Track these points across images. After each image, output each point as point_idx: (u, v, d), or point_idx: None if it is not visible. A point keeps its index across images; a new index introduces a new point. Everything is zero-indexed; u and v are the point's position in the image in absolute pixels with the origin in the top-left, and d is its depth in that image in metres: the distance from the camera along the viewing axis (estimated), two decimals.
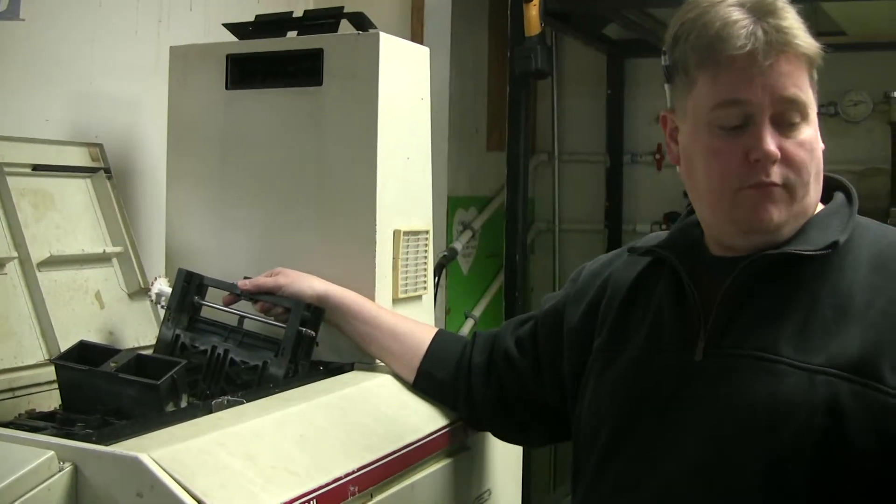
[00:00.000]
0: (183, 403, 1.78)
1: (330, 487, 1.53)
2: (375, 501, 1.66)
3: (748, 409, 1.46)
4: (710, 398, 1.51)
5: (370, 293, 2.10)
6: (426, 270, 2.30)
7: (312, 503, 1.48)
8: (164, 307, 2.12)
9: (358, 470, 1.61)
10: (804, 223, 1.53)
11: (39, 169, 2.16)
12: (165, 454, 1.38)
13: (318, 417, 1.72)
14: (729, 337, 1.52)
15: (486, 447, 2.09)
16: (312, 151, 2.17)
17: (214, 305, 2.10)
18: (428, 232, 2.31)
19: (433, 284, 2.39)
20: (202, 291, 2.10)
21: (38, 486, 1.34)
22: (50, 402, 1.95)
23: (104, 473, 1.37)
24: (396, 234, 2.17)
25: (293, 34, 2.27)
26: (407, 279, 2.22)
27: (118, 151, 2.48)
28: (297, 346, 1.98)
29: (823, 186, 1.58)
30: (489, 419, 1.97)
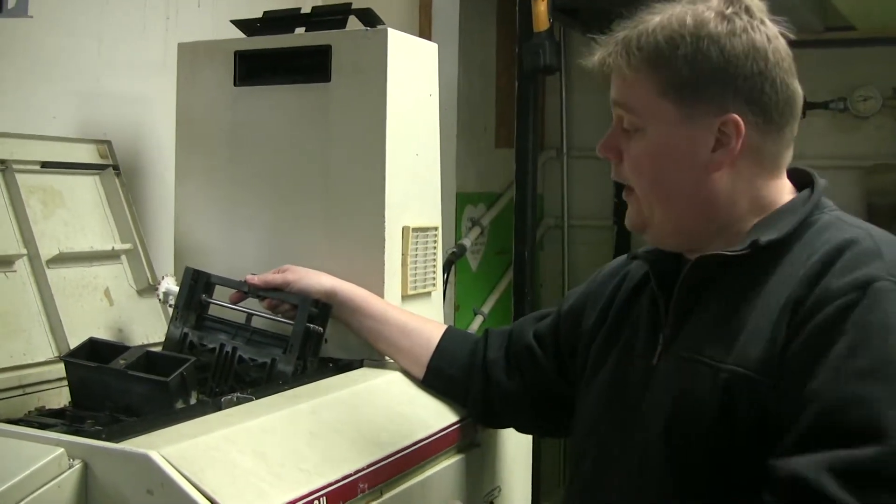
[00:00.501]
0: (192, 400, 1.78)
1: (339, 484, 1.52)
2: (385, 498, 1.65)
3: (668, 409, 1.48)
4: (654, 401, 1.53)
5: (379, 290, 2.10)
6: (435, 267, 2.29)
7: (322, 500, 1.48)
8: (171, 306, 2.12)
9: (367, 467, 1.61)
10: (763, 219, 1.51)
11: (48, 166, 2.17)
12: (175, 451, 1.38)
13: (327, 414, 1.71)
14: (678, 340, 1.53)
15: (496, 443, 2.09)
16: (320, 148, 2.17)
17: (222, 303, 2.09)
18: (437, 228, 2.30)
19: (442, 281, 2.39)
20: (209, 290, 2.10)
21: (47, 483, 1.33)
22: (59, 399, 1.95)
23: (114, 471, 1.37)
24: (405, 230, 2.17)
25: (301, 30, 2.27)
26: (416, 276, 2.21)
27: (127, 148, 2.48)
28: (305, 342, 1.98)
29: (797, 181, 1.57)
30: (511, 413, 1.96)
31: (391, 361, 2.05)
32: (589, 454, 1.66)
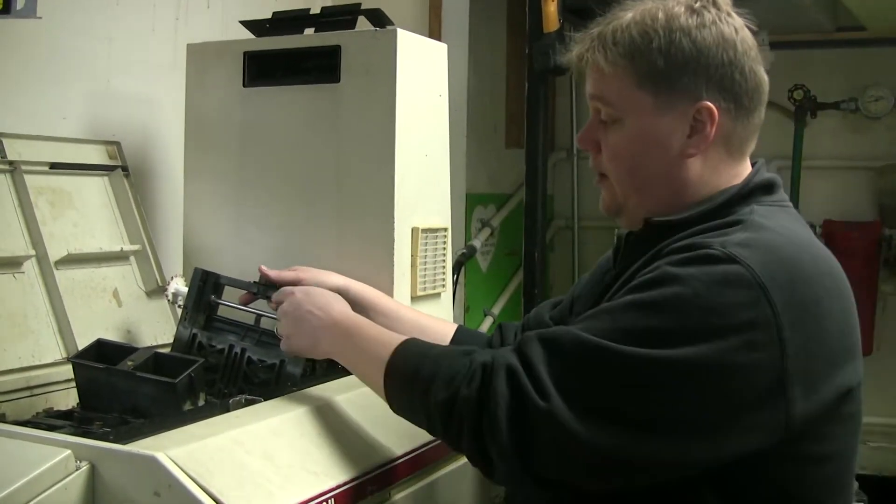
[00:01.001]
0: (200, 402, 1.78)
1: (347, 486, 1.52)
2: (393, 500, 1.65)
3: None
4: None
5: (388, 291, 2.09)
6: (445, 268, 2.29)
7: (330, 502, 1.47)
8: (180, 306, 2.12)
9: (376, 469, 1.60)
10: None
11: (57, 167, 2.17)
12: (182, 453, 1.38)
13: (335, 416, 1.71)
14: None
15: None
16: (330, 149, 2.16)
17: (231, 304, 2.09)
18: (446, 229, 2.29)
19: (452, 282, 2.38)
20: (219, 290, 2.10)
21: (54, 485, 1.33)
22: (67, 400, 1.95)
23: (121, 472, 1.37)
24: (415, 231, 2.16)
25: (310, 31, 2.27)
26: (426, 277, 2.21)
27: (136, 149, 2.48)
28: None
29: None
30: None
31: None
32: None
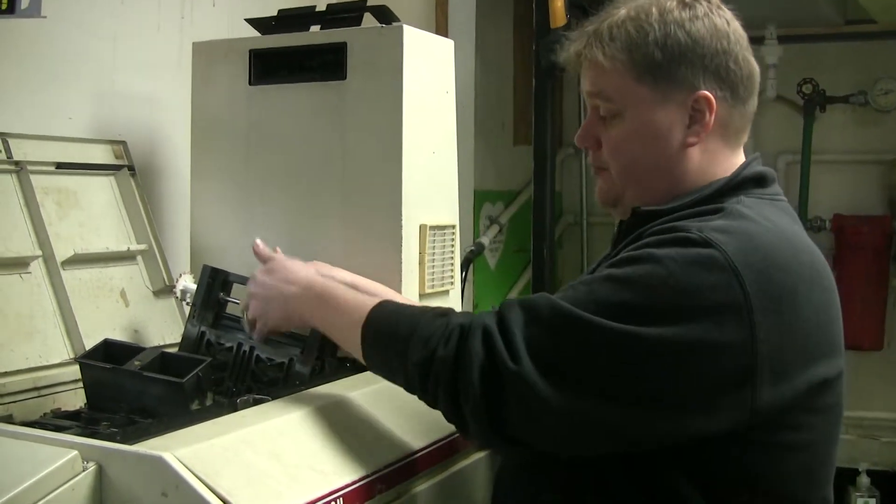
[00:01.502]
0: (208, 401, 1.77)
1: (356, 486, 1.51)
2: (403, 500, 1.64)
3: None
4: None
5: (397, 288, 2.08)
6: (453, 265, 2.28)
7: (338, 502, 1.47)
8: (189, 304, 2.11)
9: (385, 468, 1.59)
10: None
11: (63, 167, 2.16)
12: (190, 453, 1.37)
13: (344, 415, 1.70)
14: None
15: None
16: (337, 146, 2.16)
17: (240, 302, 2.08)
18: (454, 226, 2.29)
19: (460, 279, 2.37)
20: (227, 288, 2.09)
21: (61, 485, 1.32)
22: (75, 400, 1.94)
23: (128, 473, 1.36)
24: (422, 228, 2.15)
25: (316, 28, 2.26)
26: (434, 274, 2.20)
27: (142, 148, 2.47)
28: (322, 342, 1.96)
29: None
30: None
31: None
32: None
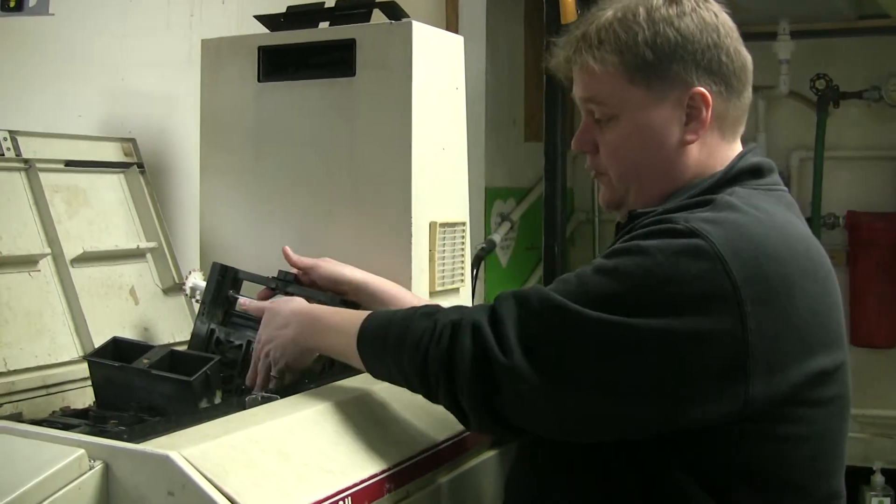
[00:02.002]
0: (217, 399, 1.77)
1: (365, 485, 1.50)
2: (412, 499, 1.63)
3: None
4: None
5: (407, 286, 2.08)
6: (463, 263, 2.27)
7: (347, 501, 1.46)
8: (198, 301, 2.10)
9: (394, 467, 1.58)
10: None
11: (72, 165, 2.16)
12: (197, 452, 1.36)
13: (353, 413, 1.69)
14: None
15: None
16: (346, 143, 2.15)
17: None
18: (464, 224, 2.28)
19: (471, 277, 2.37)
20: (237, 285, 2.08)
21: (68, 484, 1.32)
22: (84, 398, 1.94)
23: (135, 472, 1.35)
24: (432, 226, 2.15)
25: (325, 25, 2.25)
26: (444, 272, 2.19)
27: (151, 146, 2.47)
28: None
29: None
30: None
31: None
32: None
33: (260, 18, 2.31)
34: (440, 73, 2.19)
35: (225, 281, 2.07)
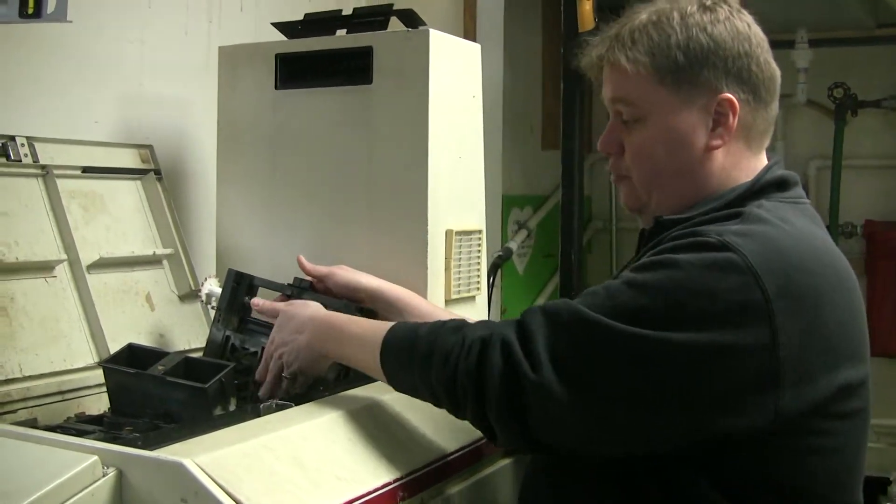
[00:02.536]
0: (231, 406, 1.77)
1: (378, 493, 1.50)
2: None
3: None
4: None
5: (423, 294, 2.07)
6: (479, 270, 2.27)
7: None
8: (214, 307, 2.10)
9: (407, 475, 1.58)
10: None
11: (89, 171, 2.17)
12: (210, 459, 1.36)
13: (367, 421, 1.69)
14: None
15: None
16: (362, 150, 2.15)
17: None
18: (481, 231, 2.27)
19: (487, 285, 2.36)
20: (252, 292, 2.08)
21: (81, 491, 1.32)
22: (99, 404, 1.94)
23: (148, 479, 1.35)
24: (449, 233, 2.14)
25: (342, 32, 2.25)
26: (460, 279, 2.19)
27: (168, 153, 2.48)
28: None
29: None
30: None
31: None
32: None
33: (277, 26, 2.31)
34: (457, 80, 2.19)
35: (240, 288, 2.07)
